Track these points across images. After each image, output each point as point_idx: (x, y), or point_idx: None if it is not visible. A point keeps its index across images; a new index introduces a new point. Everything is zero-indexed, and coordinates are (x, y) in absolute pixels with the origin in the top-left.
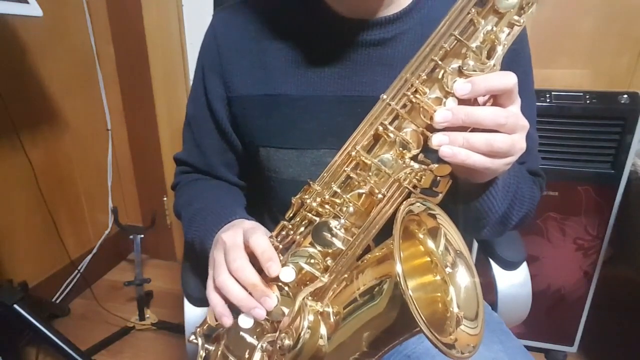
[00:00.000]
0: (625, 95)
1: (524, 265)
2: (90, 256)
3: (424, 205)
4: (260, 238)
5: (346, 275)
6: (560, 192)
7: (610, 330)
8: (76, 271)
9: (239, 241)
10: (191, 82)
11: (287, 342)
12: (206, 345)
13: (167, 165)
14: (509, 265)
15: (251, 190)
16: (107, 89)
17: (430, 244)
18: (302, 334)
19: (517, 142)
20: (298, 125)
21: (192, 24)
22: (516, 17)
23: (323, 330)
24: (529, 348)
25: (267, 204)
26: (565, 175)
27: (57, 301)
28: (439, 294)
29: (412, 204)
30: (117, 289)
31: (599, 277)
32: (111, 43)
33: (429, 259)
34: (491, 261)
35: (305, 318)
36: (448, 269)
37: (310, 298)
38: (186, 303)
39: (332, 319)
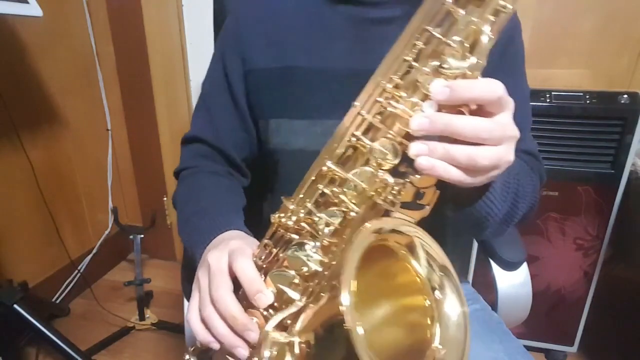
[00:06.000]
0: (625, 95)
1: (524, 265)
2: (90, 256)
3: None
4: (246, 264)
5: (322, 301)
6: (560, 192)
7: (610, 330)
8: (76, 271)
9: (224, 265)
10: (191, 82)
11: None
12: None
13: (167, 165)
14: (509, 265)
15: (253, 180)
16: (107, 89)
17: (414, 263)
18: None
19: (503, 155)
20: (310, 97)
21: (192, 24)
22: (502, 2)
23: (288, 358)
24: (529, 348)
25: (269, 188)
26: (565, 175)
27: (57, 301)
28: (421, 320)
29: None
30: (117, 289)
31: (599, 277)
32: (111, 43)
33: (413, 279)
34: (491, 261)
35: (266, 348)
36: (437, 293)
37: (281, 322)
38: (186, 303)
39: (298, 350)
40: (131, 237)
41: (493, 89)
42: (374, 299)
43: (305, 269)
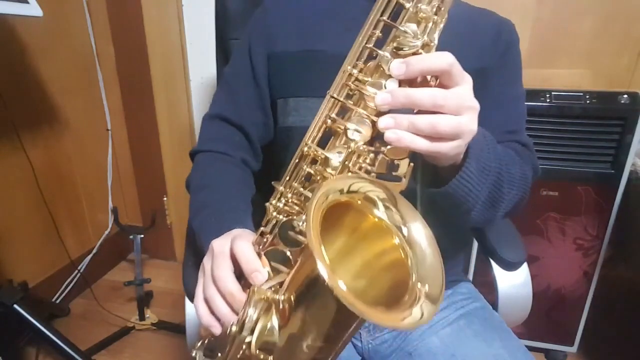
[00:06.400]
0: (625, 95)
1: (525, 265)
2: (90, 256)
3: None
4: (244, 246)
5: (303, 262)
6: (560, 192)
7: (610, 330)
8: (76, 271)
9: (226, 248)
10: (191, 82)
11: (234, 328)
12: (204, 359)
13: (167, 165)
14: (510, 265)
15: (264, 166)
16: (107, 89)
17: (373, 210)
18: (246, 320)
19: (464, 124)
20: (326, 78)
21: (192, 24)
22: None
23: (274, 317)
24: (529, 348)
25: (280, 168)
26: (565, 175)
27: (57, 301)
28: (397, 261)
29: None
30: (117, 289)
31: (599, 277)
32: (111, 43)
33: (378, 225)
34: (492, 261)
35: (250, 305)
36: (404, 230)
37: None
38: (187, 302)
39: (281, 307)
40: (131, 237)
41: (444, 58)
42: (349, 254)
43: (295, 243)
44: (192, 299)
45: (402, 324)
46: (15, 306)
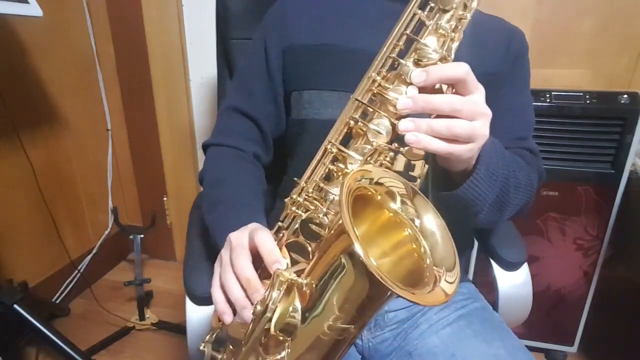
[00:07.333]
0: (625, 95)
1: (525, 266)
2: (90, 256)
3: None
4: (265, 236)
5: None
6: (560, 192)
7: (610, 330)
8: (76, 271)
9: (244, 241)
10: (191, 82)
11: (259, 308)
12: (212, 353)
13: (167, 165)
14: (510, 265)
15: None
16: (107, 89)
17: (390, 204)
18: (271, 302)
19: (477, 128)
20: (342, 72)
21: (192, 24)
22: (461, 12)
23: (296, 300)
24: (529, 348)
25: (291, 157)
26: (565, 175)
27: (57, 301)
28: (412, 249)
29: (358, 180)
30: (117, 289)
31: (599, 277)
32: (111, 43)
33: (392, 217)
34: (492, 261)
35: (274, 288)
36: (416, 221)
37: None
38: (187, 302)
39: (304, 289)
40: (131, 237)
41: (461, 67)
42: (369, 244)
43: (315, 237)
44: (192, 299)
45: (427, 301)
46: (15, 306)
